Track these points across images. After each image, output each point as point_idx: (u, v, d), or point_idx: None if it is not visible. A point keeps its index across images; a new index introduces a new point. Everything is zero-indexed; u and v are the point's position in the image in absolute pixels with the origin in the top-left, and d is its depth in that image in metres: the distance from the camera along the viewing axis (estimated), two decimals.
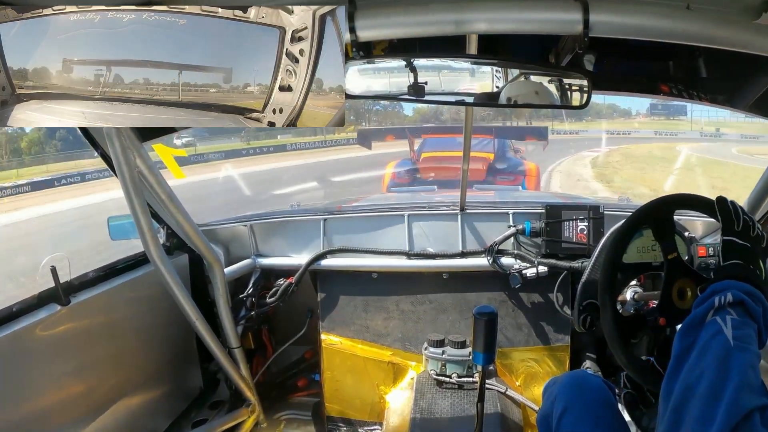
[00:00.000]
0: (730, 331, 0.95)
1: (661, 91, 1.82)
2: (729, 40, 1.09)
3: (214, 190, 15.25)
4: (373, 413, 2.52)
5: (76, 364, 1.71)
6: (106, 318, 1.86)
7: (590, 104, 1.36)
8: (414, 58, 1.32)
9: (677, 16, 1.07)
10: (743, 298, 1.02)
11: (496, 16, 1.09)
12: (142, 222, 1.67)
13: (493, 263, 2.35)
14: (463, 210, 2.46)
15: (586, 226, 2.30)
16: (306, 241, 2.52)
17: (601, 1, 1.07)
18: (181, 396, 2.37)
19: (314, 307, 2.60)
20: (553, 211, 2.34)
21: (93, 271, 1.88)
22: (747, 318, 1.00)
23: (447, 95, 1.39)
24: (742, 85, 1.69)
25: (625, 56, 1.65)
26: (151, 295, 2.06)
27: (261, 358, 2.72)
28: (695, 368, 0.94)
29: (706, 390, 0.89)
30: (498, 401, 2.20)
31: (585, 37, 1.09)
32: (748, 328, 0.98)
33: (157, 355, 2.18)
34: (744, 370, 0.90)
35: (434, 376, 2.29)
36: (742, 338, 0.95)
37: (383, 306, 2.50)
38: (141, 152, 1.60)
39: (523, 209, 2.46)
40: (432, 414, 2.15)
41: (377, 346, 2.50)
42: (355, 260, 2.47)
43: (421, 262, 2.45)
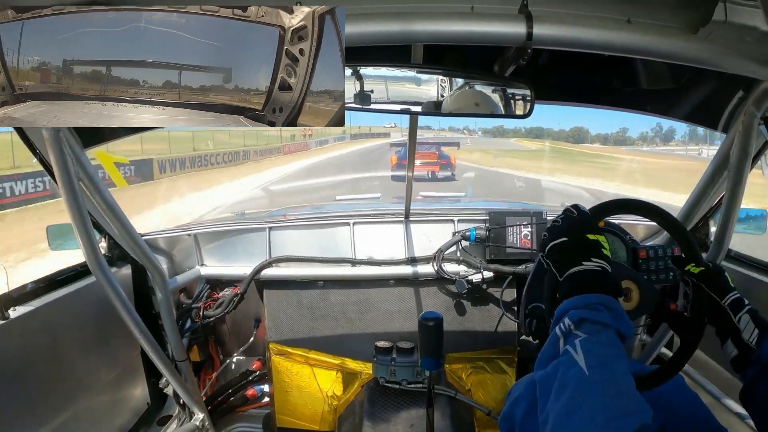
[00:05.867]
0: (582, 358, 0.90)
1: (603, 102, 1.89)
2: (667, 53, 1.14)
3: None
4: (324, 422, 2.50)
5: (15, 382, 1.63)
6: (47, 332, 1.78)
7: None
8: (360, 66, 1.32)
9: (618, 29, 1.11)
10: (581, 315, 0.97)
11: (441, 28, 1.10)
12: (83, 231, 1.59)
13: (439, 269, 2.37)
14: (408, 217, 2.48)
15: (529, 232, 2.36)
16: (251, 251, 2.48)
17: (545, 14, 1.09)
18: (127, 412, 2.29)
19: (261, 317, 2.55)
20: (496, 218, 2.38)
21: (32, 282, 1.81)
22: (597, 330, 0.95)
23: (392, 104, 1.40)
24: (680, 95, 1.78)
25: (568, 67, 1.70)
26: (94, 308, 1.99)
27: (209, 371, 2.66)
28: (560, 403, 0.88)
29: (580, 424, 0.83)
30: (448, 406, 2.21)
31: (528, 49, 1.11)
32: (602, 341, 0.93)
33: (102, 370, 2.10)
34: (605, 401, 0.85)
35: (384, 383, 2.29)
36: (598, 360, 0.89)
37: (330, 314, 2.48)
38: (81, 159, 1.53)
39: (467, 216, 2.49)
40: (383, 421, 2.15)
41: (326, 355, 2.48)
42: (301, 269, 2.45)
43: (367, 269, 2.45)
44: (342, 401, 2.46)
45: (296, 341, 2.49)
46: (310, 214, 2.71)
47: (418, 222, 2.50)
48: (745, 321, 1.21)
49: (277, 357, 2.49)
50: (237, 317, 2.64)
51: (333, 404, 2.48)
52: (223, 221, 2.62)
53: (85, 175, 1.56)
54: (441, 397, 2.23)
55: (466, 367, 2.50)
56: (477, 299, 2.47)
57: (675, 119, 1.87)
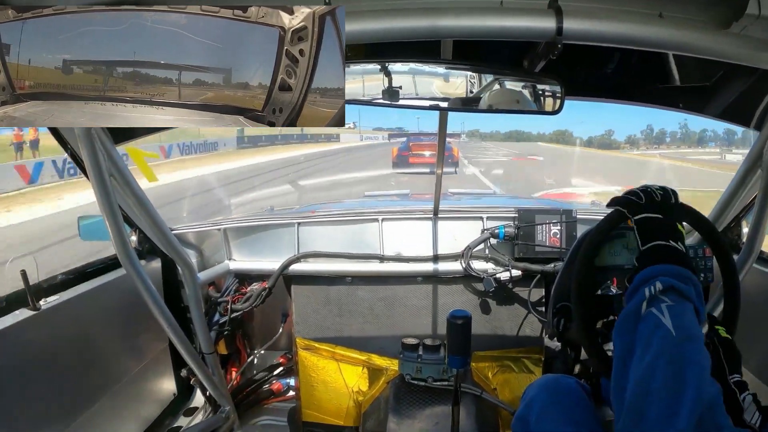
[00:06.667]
0: (669, 321, 0.94)
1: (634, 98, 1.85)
2: (699, 48, 1.11)
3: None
4: (349, 417, 2.51)
5: (46, 372, 1.67)
6: (78, 323, 1.82)
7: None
8: (388, 62, 1.32)
9: (649, 23, 1.09)
10: (672, 283, 1.01)
11: (470, 23, 1.09)
12: (114, 225, 1.62)
13: (467, 267, 2.36)
14: (437, 214, 2.47)
15: (559, 230, 2.33)
16: (280, 246, 2.50)
17: (575, 9, 1.08)
18: (154, 403, 2.34)
19: (288, 312, 2.58)
20: (525, 216, 2.36)
21: (62, 274, 1.85)
22: (682, 300, 0.99)
23: (421, 100, 1.39)
24: (712, 92, 1.73)
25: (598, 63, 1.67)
26: (123, 300, 2.03)
27: (235, 364, 2.70)
28: (642, 365, 0.92)
29: (663, 386, 0.88)
30: (473, 404, 2.20)
31: (559, 44, 1.10)
32: (685, 311, 0.97)
33: (130, 361, 2.15)
34: (697, 359, 0.90)
35: (409, 379, 2.29)
36: (684, 326, 0.94)
37: (357, 310, 2.49)
38: (113, 154, 1.57)
39: (495, 213, 2.48)
40: (408, 417, 2.15)
41: (352, 350, 2.49)
42: (329, 265, 2.46)
43: (395, 266, 2.45)
44: (367, 397, 2.47)
45: (323, 336, 2.50)
46: (339, 210, 2.72)
47: (447, 219, 2.49)
48: (748, 401, 1.20)
49: (303, 352, 2.51)
50: (264, 311, 2.67)
51: (358, 400, 2.49)
52: (252, 216, 2.65)
53: (116, 170, 1.59)
54: (466, 396, 2.23)
55: (492, 366, 2.49)
56: (504, 297, 2.45)
57: (707, 116, 1.83)
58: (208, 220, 2.59)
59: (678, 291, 1.00)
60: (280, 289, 2.53)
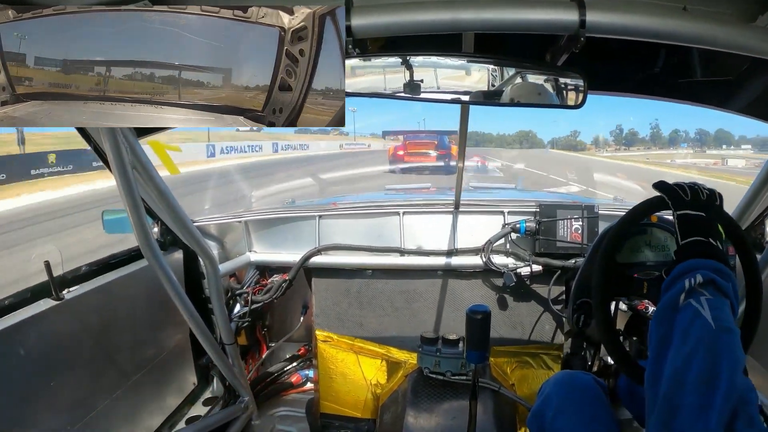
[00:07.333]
0: (708, 312, 0.95)
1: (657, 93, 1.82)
2: (725, 42, 1.09)
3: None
4: (367, 410, 2.53)
5: (69, 360, 1.71)
6: (100, 313, 1.85)
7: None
8: (410, 55, 1.32)
9: (673, 17, 1.07)
10: (713, 277, 1.01)
11: (491, 16, 1.08)
12: (137, 217, 1.64)
13: (488, 261, 2.36)
14: (458, 208, 2.46)
15: (580, 226, 2.31)
16: (301, 238, 2.52)
17: (598, 1, 1.06)
18: (174, 392, 2.37)
19: (309, 304, 2.60)
20: (547, 210, 2.35)
21: (86, 265, 1.88)
22: (720, 296, 1.00)
23: (443, 93, 1.39)
24: (736, 87, 1.70)
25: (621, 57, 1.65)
26: (145, 291, 2.06)
27: (255, 355, 2.72)
28: (680, 354, 0.93)
29: (699, 377, 0.89)
30: (491, 399, 2.20)
31: (581, 37, 1.09)
32: (724, 306, 0.98)
33: (151, 351, 2.18)
34: (733, 350, 0.91)
35: (428, 373, 2.30)
36: (722, 318, 0.94)
37: (377, 303, 2.50)
38: (135, 148, 1.59)
39: (517, 208, 2.46)
40: (426, 411, 2.15)
41: (371, 343, 2.50)
42: (350, 257, 2.48)
43: (415, 259, 2.45)
44: (385, 390, 2.48)
45: (342, 329, 2.52)
46: (360, 203, 2.73)
47: (468, 213, 2.48)
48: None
49: (323, 344, 2.53)
50: (285, 303, 2.70)
51: (376, 392, 2.50)
52: (273, 209, 2.68)
53: (139, 163, 1.60)
54: (484, 391, 2.22)
55: (511, 362, 2.48)
56: (524, 293, 2.44)
57: (731, 111, 1.79)
58: (230, 212, 2.62)
59: (718, 286, 1.01)
60: (301, 281, 2.54)
